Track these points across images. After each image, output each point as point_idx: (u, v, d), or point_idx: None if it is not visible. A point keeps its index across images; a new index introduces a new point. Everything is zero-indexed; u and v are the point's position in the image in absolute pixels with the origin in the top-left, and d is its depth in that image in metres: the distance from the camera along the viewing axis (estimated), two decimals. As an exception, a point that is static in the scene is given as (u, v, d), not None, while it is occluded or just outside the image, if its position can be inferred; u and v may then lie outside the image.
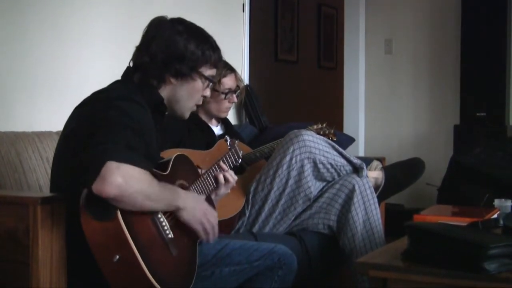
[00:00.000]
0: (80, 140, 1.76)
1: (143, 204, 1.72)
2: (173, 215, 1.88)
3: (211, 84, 2.12)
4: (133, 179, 1.67)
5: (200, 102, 2.14)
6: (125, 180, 1.64)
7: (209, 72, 2.08)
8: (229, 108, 3.10)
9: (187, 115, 2.13)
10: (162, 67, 2.00)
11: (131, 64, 2.06)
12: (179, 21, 2.05)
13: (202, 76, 2.06)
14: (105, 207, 1.66)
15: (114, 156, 1.65)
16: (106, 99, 1.87)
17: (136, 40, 2.06)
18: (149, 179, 1.73)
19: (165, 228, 1.82)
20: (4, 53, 2.62)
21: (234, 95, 3.06)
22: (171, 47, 1.99)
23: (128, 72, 2.06)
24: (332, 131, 3.04)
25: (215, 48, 2.08)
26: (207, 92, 2.12)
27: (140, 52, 2.02)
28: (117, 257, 1.67)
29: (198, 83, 2.06)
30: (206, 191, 2.13)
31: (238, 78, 3.11)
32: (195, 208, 1.92)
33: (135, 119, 1.82)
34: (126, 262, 1.67)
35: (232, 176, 2.22)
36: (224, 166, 2.22)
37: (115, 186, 1.62)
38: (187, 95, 2.07)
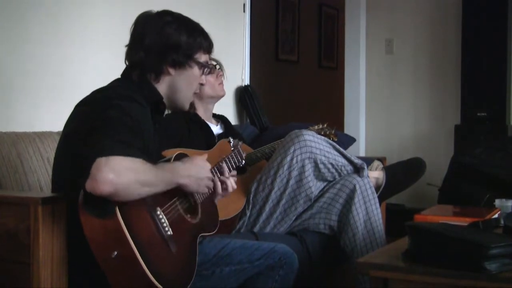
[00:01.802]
0: (79, 139, 1.76)
1: (140, 192, 1.72)
2: (172, 212, 1.88)
3: (206, 70, 2.12)
4: (125, 170, 1.65)
5: (198, 90, 2.15)
6: (116, 173, 1.63)
7: (203, 58, 2.09)
8: (222, 84, 3.09)
9: (187, 105, 2.14)
10: (159, 59, 2.01)
11: (127, 63, 2.06)
12: (166, 13, 2.07)
13: (198, 63, 2.07)
14: (103, 204, 1.65)
15: (102, 152, 1.64)
16: (106, 98, 1.87)
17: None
18: (142, 165, 1.72)
19: (164, 225, 1.82)
20: (5, 53, 2.62)
21: (217, 69, 3.06)
22: (165, 38, 2.00)
23: (127, 70, 2.06)
24: (333, 132, 3.04)
25: (206, 35, 2.10)
26: (204, 79, 2.13)
27: (134, 49, 2.02)
28: (115, 253, 1.66)
29: (195, 70, 2.08)
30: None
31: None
32: (198, 178, 1.95)
33: (134, 118, 1.82)
34: (124, 258, 1.66)
35: (232, 186, 2.21)
36: (225, 167, 2.21)
37: (107, 183, 1.62)
38: (186, 84, 2.07)
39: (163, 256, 1.78)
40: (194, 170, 1.95)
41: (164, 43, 2.00)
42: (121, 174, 1.64)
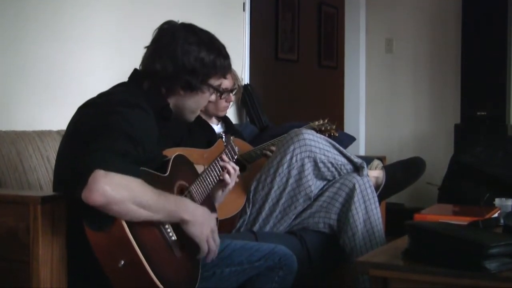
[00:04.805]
0: (80, 142, 1.75)
1: (138, 213, 1.68)
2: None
3: (217, 94, 2.13)
4: (122, 186, 1.64)
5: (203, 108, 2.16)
6: (112, 187, 1.61)
7: (217, 82, 2.08)
8: (227, 107, 3.10)
9: (192, 119, 2.14)
10: (172, 78, 1.98)
11: (140, 67, 2.04)
12: (191, 30, 2.03)
13: (210, 87, 2.06)
14: (100, 217, 1.65)
15: (103, 164, 1.63)
16: (110, 103, 1.86)
17: (137, 40, 2.05)
18: (141, 187, 1.69)
19: (168, 230, 1.82)
20: (4, 52, 2.62)
21: (231, 94, 3.06)
22: (183, 59, 1.97)
23: (136, 75, 2.04)
24: (333, 127, 3.05)
25: (225, 57, 2.07)
26: (212, 98, 2.12)
27: (151, 59, 2.00)
28: (122, 262, 1.66)
29: (206, 94, 2.07)
30: (206, 190, 2.13)
31: (234, 77, 3.11)
32: (204, 224, 1.88)
33: (137, 126, 1.80)
34: (131, 266, 1.66)
35: (234, 167, 2.22)
36: (225, 157, 2.23)
37: (100, 194, 1.60)
38: (195, 104, 2.07)
39: (168, 262, 1.79)
40: (202, 214, 1.90)
41: (181, 65, 1.97)
42: (117, 189, 1.62)
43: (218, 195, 2.23)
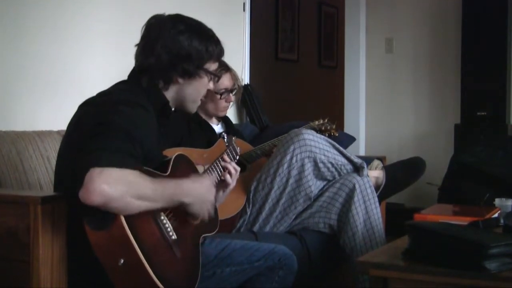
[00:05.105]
0: (80, 142, 1.75)
1: (137, 205, 1.68)
2: (175, 216, 1.87)
3: (215, 78, 2.13)
4: (119, 182, 1.63)
5: (204, 97, 2.15)
6: (109, 185, 1.60)
7: (213, 67, 2.09)
8: (227, 107, 3.10)
9: (195, 109, 2.14)
10: (168, 68, 1.99)
11: (135, 65, 2.05)
12: (179, 19, 2.04)
13: (207, 72, 2.07)
14: (100, 216, 1.65)
15: (98, 162, 1.62)
16: (111, 102, 1.86)
17: (137, 38, 2.05)
18: (138, 178, 1.69)
19: (168, 229, 1.82)
20: (4, 52, 2.62)
21: (231, 94, 3.06)
22: (176, 48, 1.98)
23: (134, 74, 2.04)
24: (333, 127, 3.05)
25: (217, 42, 2.08)
26: (211, 85, 2.13)
27: (145, 54, 2.00)
28: (122, 261, 1.66)
29: (205, 80, 2.07)
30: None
31: (234, 77, 3.11)
32: (203, 202, 1.92)
33: (137, 125, 1.80)
34: (131, 265, 1.66)
35: (235, 168, 2.23)
36: (227, 158, 2.23)
37: (98, 193, 1.59)
38: (194, 91, 2.07)
39: (168, 262, 1.79)
40: (201, 191, 1.92)
41: (175, 53, 1.98)
42: (114, 185, 1.61)
43: (219, 195, 2.23)
